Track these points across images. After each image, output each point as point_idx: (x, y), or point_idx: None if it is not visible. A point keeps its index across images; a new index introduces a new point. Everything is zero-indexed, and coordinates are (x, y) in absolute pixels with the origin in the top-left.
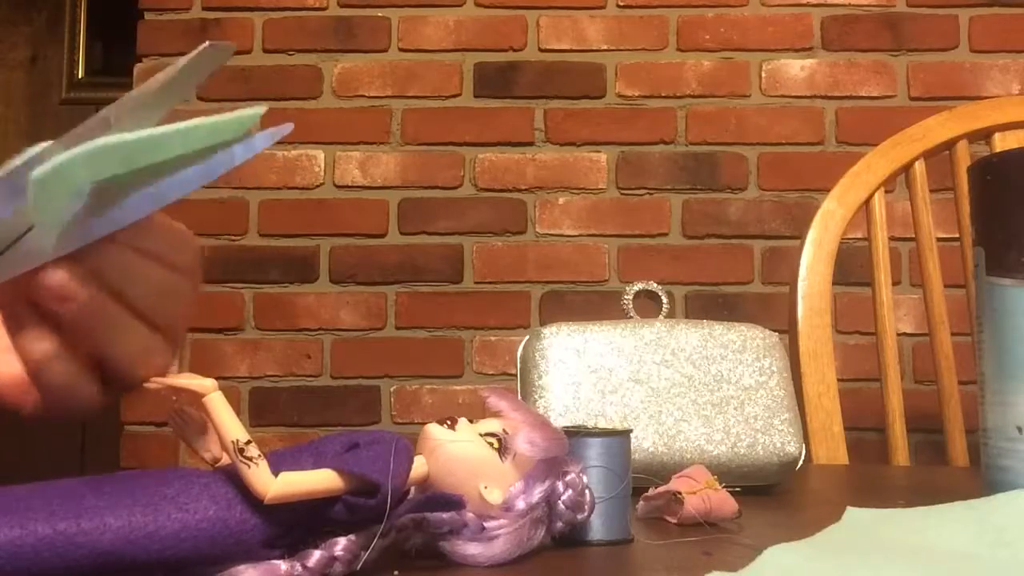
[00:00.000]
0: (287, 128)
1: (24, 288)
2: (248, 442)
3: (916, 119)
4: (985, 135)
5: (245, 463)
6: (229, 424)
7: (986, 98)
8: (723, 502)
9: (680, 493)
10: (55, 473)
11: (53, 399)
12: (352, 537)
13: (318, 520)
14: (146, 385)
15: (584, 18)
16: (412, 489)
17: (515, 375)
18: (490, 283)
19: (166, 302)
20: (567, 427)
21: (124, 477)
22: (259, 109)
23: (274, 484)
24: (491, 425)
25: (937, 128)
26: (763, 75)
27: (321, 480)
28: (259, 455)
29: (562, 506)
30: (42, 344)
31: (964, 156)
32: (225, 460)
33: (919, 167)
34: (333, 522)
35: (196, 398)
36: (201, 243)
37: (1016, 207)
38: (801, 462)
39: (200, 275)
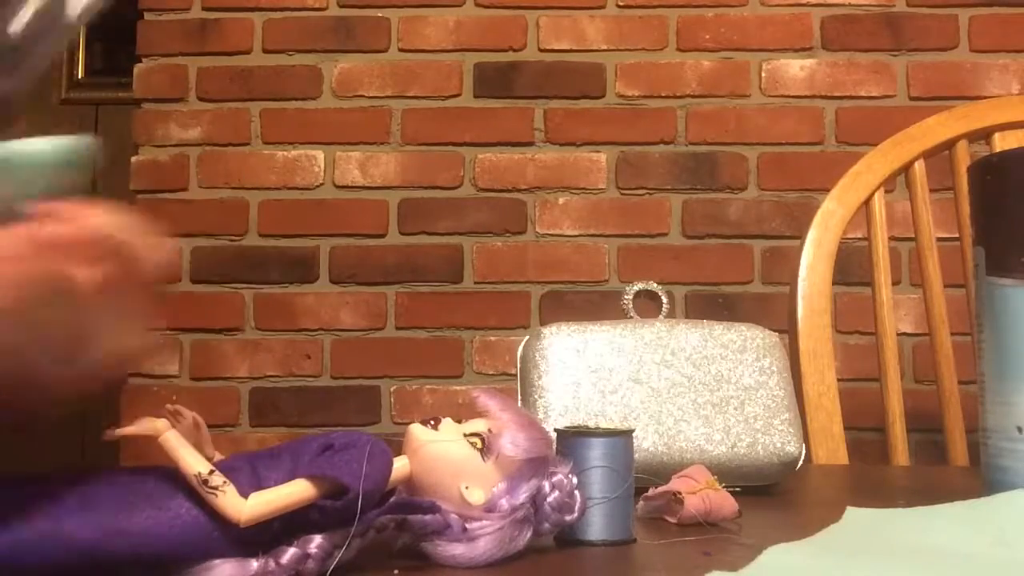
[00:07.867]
0: None
1: None
2: (211, 472)
3: (916, 119)
4: (985, 135)
5: (212, 493)
6: (188, 460)
7: (986, 98)
8: (723, 502)
9: (680, 493)
10: None
11: None
12: (327, 535)
13: (294, 519)
14: (104, 437)
15: (584, 18)
16: (399, 489)
17: (515, 375)
18: (490, 283)
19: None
20: (570, 427)
21: (105, 475)
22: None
23: (247, 507)
24: (477, 425)
25: (937, 128)
26: (763, 75)
27: (294, 493)
28: (224, 482)
29: (548, 507)
30: None
31: (964, 156)
32: (219, 458)
33: (919, 167)
34: (308, 522)
35: (152, 442)
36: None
37: (1016, 207)
38: (801, 462)
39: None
